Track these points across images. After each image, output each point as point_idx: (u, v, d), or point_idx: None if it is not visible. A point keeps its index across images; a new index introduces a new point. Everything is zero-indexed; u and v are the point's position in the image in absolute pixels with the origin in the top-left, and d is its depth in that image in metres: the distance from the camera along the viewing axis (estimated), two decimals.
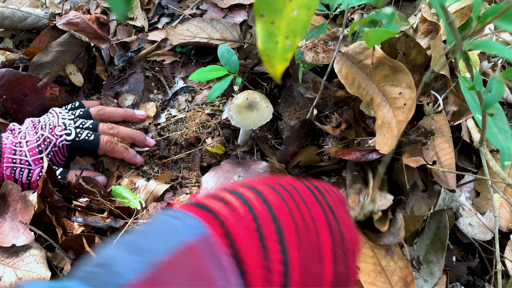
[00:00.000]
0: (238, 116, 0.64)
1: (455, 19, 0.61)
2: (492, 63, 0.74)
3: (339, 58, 0.65)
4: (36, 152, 0.65)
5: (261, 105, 0.65)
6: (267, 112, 0.66)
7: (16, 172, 0.64)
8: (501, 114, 0.44)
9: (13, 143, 0.65)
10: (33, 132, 0.67)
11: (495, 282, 0.61)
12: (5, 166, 0.63)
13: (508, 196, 0.66)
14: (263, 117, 0.65)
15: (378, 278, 0.57)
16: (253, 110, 0.65)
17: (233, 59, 0.72)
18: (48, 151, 0.66)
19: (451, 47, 0.43)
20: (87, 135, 0.69)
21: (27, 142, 0.66)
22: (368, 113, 0.69)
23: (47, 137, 0.67)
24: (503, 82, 0.35)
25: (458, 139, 0.67)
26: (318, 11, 0.81)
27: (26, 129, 0.68)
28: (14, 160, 0.64)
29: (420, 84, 0.46)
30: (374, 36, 0.45)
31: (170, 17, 0.95)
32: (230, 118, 0.65)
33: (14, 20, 0.88)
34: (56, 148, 0.67)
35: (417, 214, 0.62)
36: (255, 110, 0.65)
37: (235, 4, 0.93)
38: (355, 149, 0.67)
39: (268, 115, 0.66)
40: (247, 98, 0.66)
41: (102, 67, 0.89)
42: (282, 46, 0.31)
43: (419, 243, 0.62)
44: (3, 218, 0.65)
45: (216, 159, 0.76)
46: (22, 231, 0.62)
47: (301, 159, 0.70)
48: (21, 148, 0.65)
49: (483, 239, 0.64)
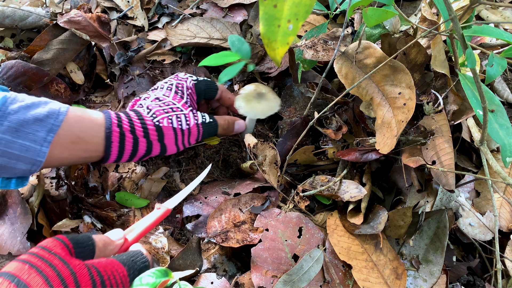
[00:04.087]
0: (248, 105, 0.65)
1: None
2: None
3: (339, 57, 0.65)
4: (179, 98, 0.63)
5: (269, 96, 0.66)
6: (275, 103, 0.66)
7: (173, 121, 0.59)
8: (502, 110, 0.43)
9: (153, 100, 0.61)
10: (160, 88, 0.64)
11: (495, 282, 0.60)
12: (161, 118, 0.58)
13: (508, 196, 0.66)
14: (271, 107, 0.66)
15: (370, 274, 0.57)
16: (261, 100, 0.65)
17: (245, 46, 0.70)
18: (186, 96, 0.64)
19: (449, 29, 0.43)
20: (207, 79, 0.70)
21: (164, 95, 0.62)
22: (368, 114, 0.69)
23: (177, 83, 0.64)
24: (504, 58, 0.35)
25: (458, 138, 0.67)
26: (318, 11, 0.81)
27: (152, 91, 0.65)
28: (165, 110, 0.60)
29: (421, 84, 0.46)
30: (374, 16, 0.45)
31: (170, 17, 0.96)
32: (239, 107, 0.66)
33: (14, 19, 0.88)
34: (190, 91, 0.65)
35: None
36: (263, 100, 0.65)
37: (235, 3, 0.93)
38: (354, 149, 0.67)
39: (275, 105, 0.67)
40: (255, 89, 0.67)
41: (102, 66, 0.89)
42: (284, 30, 0.31)
43: (418, 242, 0.61)
44: (3, 220, 0.65)
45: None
46: (19, 239, 0.62)
47: (299, 157, 0.71)
48: (164, 99, 0.61)
49: (483, 239, 0.64)
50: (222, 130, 0.67)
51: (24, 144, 0.45)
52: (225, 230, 0.62)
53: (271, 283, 0.57)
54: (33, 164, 0.47)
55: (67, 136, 0.49)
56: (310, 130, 0.72)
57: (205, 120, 0.63)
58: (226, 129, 0.68)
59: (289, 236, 0.61)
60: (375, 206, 0.64)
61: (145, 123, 0.57)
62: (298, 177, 0.73)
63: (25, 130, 0.45)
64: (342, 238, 0.61)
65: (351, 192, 0.64)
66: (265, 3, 0.31)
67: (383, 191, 0.69)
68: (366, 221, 0.62)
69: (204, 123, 0.63)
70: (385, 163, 0.71)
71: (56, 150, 0.49)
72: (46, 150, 0.47)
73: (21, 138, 0.45)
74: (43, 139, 0.46)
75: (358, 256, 0.59)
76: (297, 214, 0.64)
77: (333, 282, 0.58)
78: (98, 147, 0.53)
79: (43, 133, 0.46)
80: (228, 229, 0.62)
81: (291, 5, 0.30)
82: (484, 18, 0.86)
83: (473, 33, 0.39)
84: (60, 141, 0.49)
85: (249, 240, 0.61)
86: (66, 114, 0.49)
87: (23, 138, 0.45)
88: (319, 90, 0.70)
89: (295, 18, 0.31)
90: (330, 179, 0.68)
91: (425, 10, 0.68)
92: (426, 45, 0.67)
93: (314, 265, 0.58)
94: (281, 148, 0.71)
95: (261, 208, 0.65)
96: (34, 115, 0.46)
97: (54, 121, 0.47)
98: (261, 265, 0.58)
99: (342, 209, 0.67)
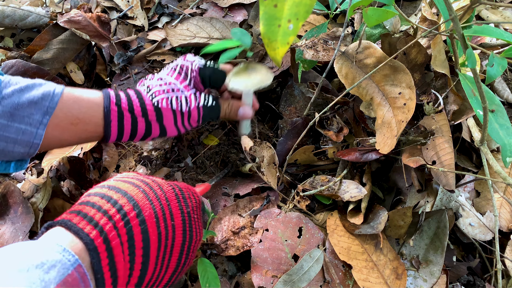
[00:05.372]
0: (236, 78, 0.61)
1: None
2: None
3: (339, 57, 0.65)
4: (182, 79, 0.60)
5: (261, 69, 0.62)
6: (266, 76, 0.61)
7: (173, 102, 0.57)
8: (502, 110, 0.43)
9: (157, 79, 0.60)
10: (166, 68, 0.63)
11: (495, 282, 0.60)
12: (160, 98, 0.56)
13: (508, 196, 0.66)
14: (263, 80, 0.60)
15: (370, 274, 0.57)
16: (251, 73, 0.61)
17: (246, 36, 0.65)
18: (189, 78, 0.61)
19: (449, 29, 0.43)
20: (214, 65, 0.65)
21: (168, 74, 0.61)
22: (368, 114, 0.69)
23: (182, 65, 0.62)
24: (505, 58, 0.35)
25: (458, 138, 0.67)
26: (318, 11, 0.81)
27: (158, 71, 0.63)
28: (165, 90, 0.58)
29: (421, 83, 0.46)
30: (374, 16, 0.45)
31: (170, 16, 0.95)
32: (228, 82, 0.61)
33: (14, 19, 0.88)
34: (194, 74, 0.62)
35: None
36: (254, 73, 0.61)
37: (235, 3, 0.93)
38: (354, 149, 0.67)
39: (267, 78, 0.61)
40: (247, 65, 0.63)
41: (102, 66, 0.89)
42: (284, 30, 0.31)
43: (418, 242, 0.61)
44: (3, 220, 0.65)
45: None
46: (21, 238, 0.62)
47: (299, 157, 0.71)
48: (166, 79, 0.59)
49: (483, 239, 0.64)
50: (224, 115, 0.64)
51: (20, 127, 0.45)
52: (224, 240, 0.62)
53: (271, 283, 0.57)
54: (30, 146, 0.47)
55: (66, 117, 0.49)
56: (311, 130, 0.72)
57: (206, 103, 0.61)
58: (229, 114, 0.65)
59: (289, 236, 0.61)
60: (375, 206, 0.64)
61: (144, 102, 0.55)
62: (298, 177, 0.73)
63: (20, 114, 0.45)
64: (342, 238, 0.60)
65: (351, 192, 0.64)
66: (265, 3, 0.31)
67: (383, 191, 0.69)
68: (366, 221, 0.62)
69: (206, 106, 0.61)
70: (385, 163, 0.71)
71: (55, 131, 0.49)
72: (42, 132, 0.47)
73: (16, 121, 0.45)
74: (39, 122, 0.46)
75: (358, 256, 0.59)
76: (297, 214, 0.64)
77: (333, 282, 0.58)
78: (97, 127, 0.53)
79: (38, 116, 0.46)
80: (227, 238, 0.62)
81: (291, 5, 0.30)
82: (484, 18, 0.86)
83: (473, 33, 0.39)
84: (59, 123, 0.49)
85: (249, 245, 0.61)
86: (61, 96, 0.49)
87: (19, 122, 0.45)
88: (319, 90, 0.70)
89: (295, 18, 0.31)
90: (330, 179, 0.68)
91: (425, 10, 0.68)
92: (426, 45, 0.67)
93: (314, 265, 0.58)
94: (281, 147, 0.71)
95: (260, 210, 0.65)
96: (28, 98, 0.46)
97: (49, 103, 0.47)
98: (261, 265, 0.58)
99: (342, 209, 0.67)
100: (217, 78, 0.64)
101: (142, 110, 0.55)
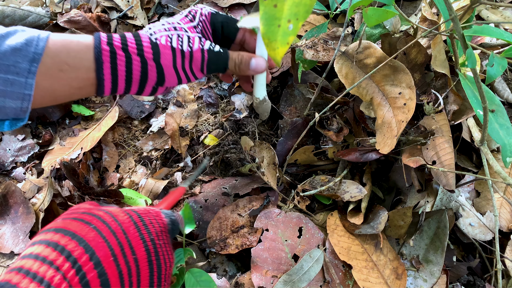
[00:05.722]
0: (248, 18, 0.56)
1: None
2: None
3: (339, 57, 0.65)
4: (188, 21, 0.55)
5: None
6: None
7: (173, 40, 0.51)
8: (502, 110, 0.43)
9: (161, 24, 0.54)
10: (175, 16, 0.58)
11: (495, 282, 0.60)
12: (159, 36, 0.51)
13: (508, 196, 0.66)
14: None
15: (371, 274, 0.57)
16: None
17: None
18: (197, 21, 0.56)
19: (449, 29, 0.43)
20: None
21: (173, 18, 0.56)
22: (368, 114, 0.69)
23: (192, 9, 0.57)
24: (505, 58, 0.35)
25: (458, 138, 0.67)
26: (318, 11, 0.81)
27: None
28: (166, 28, 0.52)
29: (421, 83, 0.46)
30: (374, 16, 0.45)
31: (170, 16, 0.95)
32: (241, 22, 0.56)
33: (14, 19, 0.88)
34: (203, 18, 0.57)
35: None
36: None
37: (235, 3, 0.93)
38: (354, 149, 0.67)
39: None
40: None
41: None
42: (284, 30, 0.31)
43: (418, 242, 0.61)
44: (3, 220, 0.65)
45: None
46: (21, 238, 0.62)
47: (299, 157, 0.71)
48: (170, 20, 0.55)
49: (483, 239, 0.64)
50: (233, 66, 0.57)
51: (7, 78, 0.41)
52: (223, 238, 0.62)
53: (271, 283, 0.57)
54: (22, 99, 0.43)
55: (54, 63, 0.45)
56: (311, 130, 0.72)
57: (213, 48, 0.54)
58: (239, 65, 0.57)
59: (289, 236, 0.61)
60: (375, 206, 0.64)
61: (140, 39, 0.50)
62: (298, 177, 0.73)
63: (5, 63, 0.41)
64: (342, 238, 0.61)
65: (351, 192, 0.64)
66: (265, 3, 0.31)
67: (383, 191, 0.69)
68: (366, 221, 0.62)
69: (211, 50, 0.54)
70: (385, 163, 0.71)
71: (44, 81, 0.45)
72: (32, 82, 0.43)
73: (2, 72, 0.41)
74: (27, 71, 0.42)
75: (358, 256, 0.59)
76: (297, 214, 0.64)
77: (333, 282, 0.58)
78: (89, 72, 0.48)
79: (25, 64, 0.42)
80: (226, 236, 0.62)
81: (291, 5, 0.30)
82: (484, 18, 0.86)
83: (473, 33, 0.39)
84: (47, 71, 0.45)
85: (248, 244, 0.61)
86: (47, 40, 0.45)
87: (5, 72, 0.41)
88: (319, 91, 0.70)
89: (295, 18, 0.31)
90: (330, 179, 0.68)
91: (426, 10, 0.68)
92: (426, 45, 0.67)
93: (314, 265, 0.58)
94: (282, 147, 0.71)
95: (259, 210, 0.65)
96: (11, 45, 0.42)
97: (34, 49, 0.43)
98: (261, 265, 0.58)
99: (342, 209, 0.67)
100: (231, 28, 0.59)
101: (137, 48, 0.49)
